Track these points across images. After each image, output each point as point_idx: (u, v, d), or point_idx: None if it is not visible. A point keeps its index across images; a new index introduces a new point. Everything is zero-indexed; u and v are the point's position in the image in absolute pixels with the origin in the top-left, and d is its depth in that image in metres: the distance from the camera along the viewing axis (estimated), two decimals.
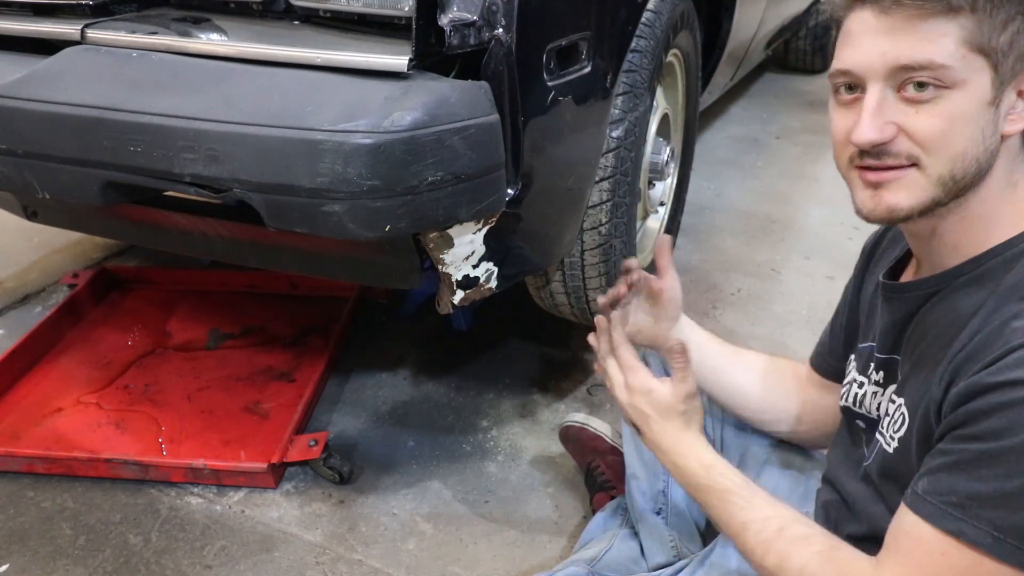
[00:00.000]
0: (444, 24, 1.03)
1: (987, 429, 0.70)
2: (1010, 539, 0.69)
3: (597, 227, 1.52)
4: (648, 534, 1.21)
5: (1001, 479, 0.69)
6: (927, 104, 0.73)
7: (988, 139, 0.74)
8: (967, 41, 0.71)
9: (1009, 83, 0.73)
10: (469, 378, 1.86)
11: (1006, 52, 0.72)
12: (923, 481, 0.75)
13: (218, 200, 1.09)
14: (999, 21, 0.71)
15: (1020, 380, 0.68)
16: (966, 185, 0.76)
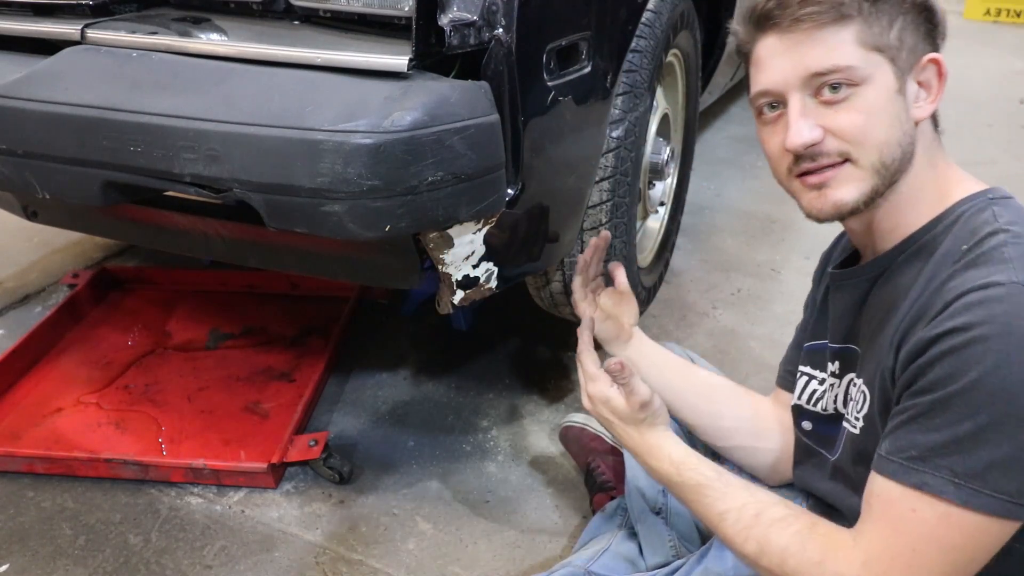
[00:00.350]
0: (444, 24, 1.02)
1: (934, 379, 0.74)
2: (969, 484, 0.72)
3: (597, 227, 1.52)
4: (647, 534, 1.21)
5: (952, 425, 0.72)
6: (844, 103, 0.82)
7: (904, 124, 0.83)
8: (863, 42, 0.81)
9: (908, 73, 0.83)
10: (469, 378, 1.86)
11: (898, 47, 0.82)
12: (885, 443, 0.78)
13: (218, 200, 1.09)
14: (885, 22, 0.81)
15: (958, 327, 0.73)
16: (896, 169, 0.84)
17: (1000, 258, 0.75)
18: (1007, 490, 0.71)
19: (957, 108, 3.75)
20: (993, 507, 0.72)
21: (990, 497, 0.71)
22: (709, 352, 1.94)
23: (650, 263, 1.96)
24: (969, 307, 0.73)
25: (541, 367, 1.89)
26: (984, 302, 0.73)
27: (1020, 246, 0.76)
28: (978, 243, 0.78)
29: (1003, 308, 0.72)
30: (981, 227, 0.80)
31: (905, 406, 0.77)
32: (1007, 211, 0.81)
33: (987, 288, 0.73)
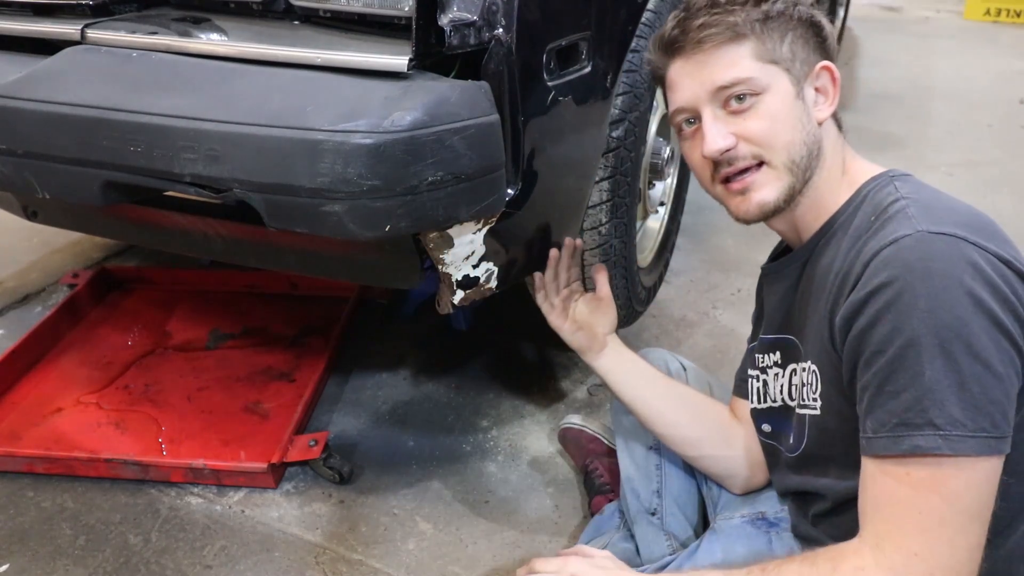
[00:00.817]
0: (444, 24, 1.02)
1: (880, 340, 0.78)
2: (954, 430, 0.74)
3: (597, 227, 1.53)
4: (643, 535, 1.21)
5: (914, 377, 0.75)
6: (750, 111, 0.91)
7: (807, 125, 0.92)
8: (759, 56, 0.91)
9: (804, 80, 0.93)
10: (469, 378, 1.86)
11: (791, 59, 0.92)
12: (867, 424, 0.80)
13: (218, 200, 1.08)
14: (776, 38, 0.91)
15: (883, 283, 0.78)
16: (807, 166, 0.93)
17: (904, 216, 0.82)
18: (984, 425, 0.74)
19: (957, 108, 3.75)
20: (979, 447, 0.74)
21: (972, 438, 0.74)
22: (709, 352, 1.94)
23: (650, 263, 1.96)
24: (886, 262, 0.78)
25: (541, 367, 1.89)
26: (898, 253, 0.78)
27: (919, 206, 0.83)
28: (883, 211, 0.85)
29: (916, 254, 0.77)
30: (884, 199, 0.87)
31: (867, 379, 0.80)
32: (906, 185, 0.89)
33: (898, 241, 0.79)
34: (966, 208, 0.85)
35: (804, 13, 0.92)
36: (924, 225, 0.79)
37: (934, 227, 0.78)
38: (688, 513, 1.24)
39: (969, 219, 0.81)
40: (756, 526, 1.10)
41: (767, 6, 0.91)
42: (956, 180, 2.92)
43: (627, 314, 1.77)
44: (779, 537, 1.07)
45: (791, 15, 0.92)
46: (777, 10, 0.91)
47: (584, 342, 1.25)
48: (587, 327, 1.25)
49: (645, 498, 1.24)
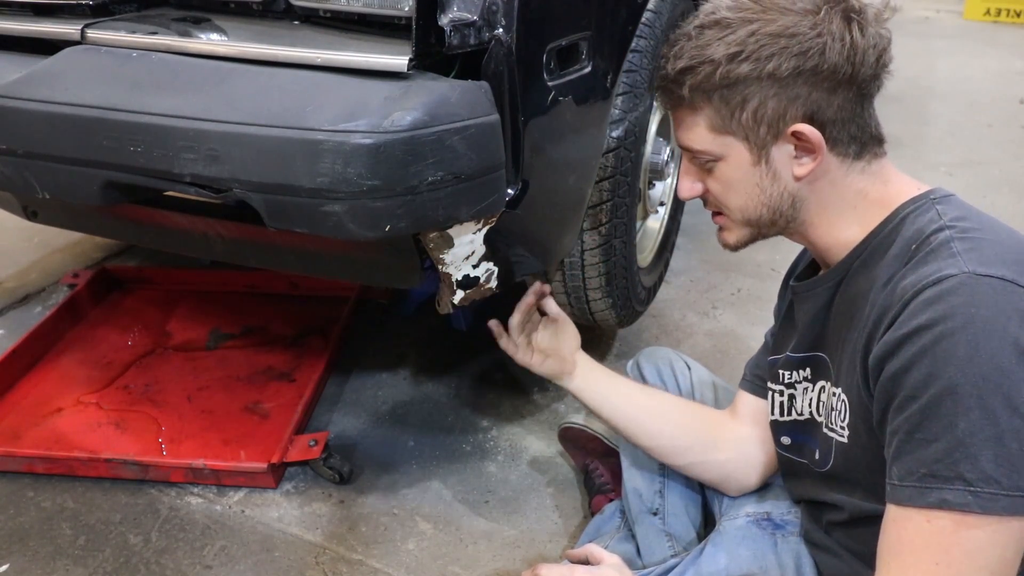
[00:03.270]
0: (444, 24, 1.02)
1: (914, 385, 0.74)
2: (985, 488, 0.71)
3: (597, 227, 1.52)
4: (644, 535, 1.21)
5: (948, 429, 0.72)
6: (710, 172, 0.94)
7: (770, 188, 0.91)
8: (713, 127, 0.89)
9: (772, 144, 0.88)
10: (469, 378, 1.86)
11: (752, 125, 0.87)
12: (894, 470, 0.78)
13: (218, 200, 1.08)
14: (736, 103, 0.86)
15: (922, 325, 0.74)
16: (771, 221, 0.93)
17: (948, 252, 0.78)
18: (1020, 484, 0.71)
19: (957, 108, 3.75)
20: (1012, 507, 0.71)
21: (1006, 497, 0.71)
22: (709, 352, 1.94)
23: (650, 263, 1.96)
24: (928, 303, 0.75)
25: None
26: (941, 296, 0.75)
27: (966, 240, 0.79)
28: (925, 240, 0.81)
29: (960, 299, 0.74)
30: (927, 225, 0.83)
31: (898, 423, 0.77)
32: (950, 208, 0.85)
33: (941, 282, 0.75)
34: (1016, 240, 0.81)
35: (785, 69, 0.83)
36: (971, 265, 0.75)
37: (981, 268, 0.75)
38: (691, 513, 1.24)
39: (1019, 254, 0.78)
40: (761, 527, 1.09)
41: (729, 69, 0.85)
42: (956, 180, 2.92)
43: (627, 314, 1.77)
44: (785, 540, 1.06)
45: (760, 75, 0.84)
46: (739, 75, 0.85)
47: (556, 368, 1.24)
48: (554, 353, 1.24)
49: (647, 498, 1.24)
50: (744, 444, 1.14)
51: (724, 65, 0.85)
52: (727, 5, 0.87)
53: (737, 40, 0.84)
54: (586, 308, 1.68)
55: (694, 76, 0.87)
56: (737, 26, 0.85)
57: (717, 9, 0.88)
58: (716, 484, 1.18)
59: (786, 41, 0.83)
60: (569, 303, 1.68)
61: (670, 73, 0.89)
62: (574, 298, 1.66)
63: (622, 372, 1.37)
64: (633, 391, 1.22)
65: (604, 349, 1.95)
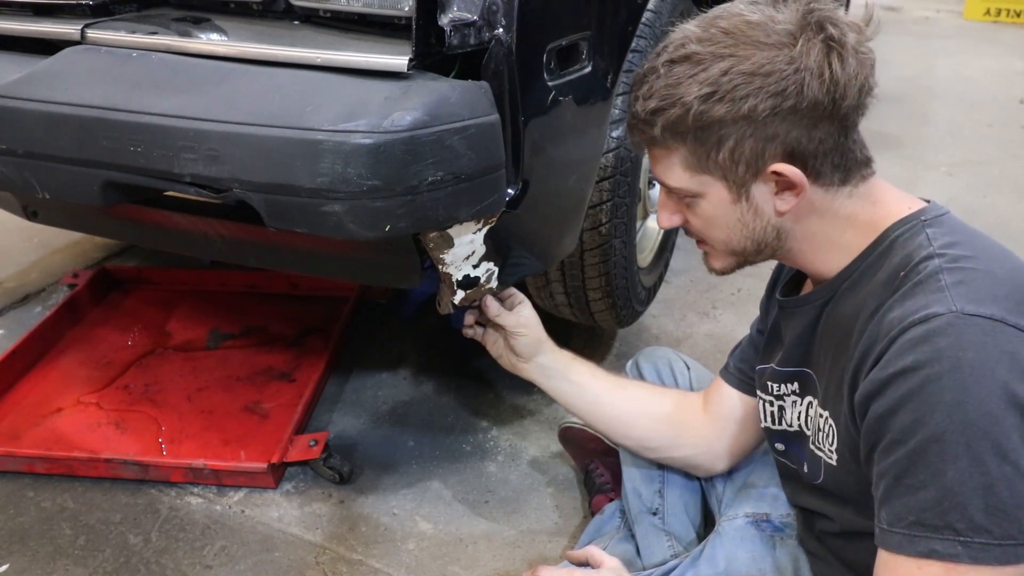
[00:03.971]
0: (444, 24, 1.02)
1: (901, 429, 0.73)
2: (975, 538, 0.70)
3: (597, 227, 1.52)
4: (644, 535, 1.21)
5: (935, 475, 0.71)
6: (689, 207, 0.91)
7: (752, 223, 0.88)
8: (689, 167, 0.87)
9: (752, 182, 0.85)
10: (469, 378, 1.86)
11: (730, 165, 0.84)
12: (882, 513, 0.76)
13: (218, 200, 1.08)
14: (711, 144, 0.83)
15: (908, 367, 0.73)
16: (755, 251, 0.92)
17: (936, 286, 0.75)
18: (1012, 532, 0.70)
19: (957, 108, 3.75)
20: (1004, 556, 0.70)
21: (998, 547, 0.70)
22: (709, 352, 1.94)
23: (650, 263, 1.96)
24: (914, 344, 0.73)
25: None
26: (928, 337, 0.72)
27: (955, 271, 0.76)
28: (913, 269, 0.79)
29: (947, 341, 0.71)
30: (916, 252, 0.80)
31: (885, 467, 0.75)
32: (941, 232, 0.82)
33: (928, 321, 0.73)
34: (1010, 267, 0.78)
35: (762, 110, 0.79)
36: (959, 303, 0.73)
37: (970, 306, 0.72)
38: (690, 513, 1.24)
39: (1012, 287, 0.75)
40: (760, 528, 1.09)
41: (702, 110, 0.81)
42: (956, 180, 2.92)
43: (627, 314, 1.77)
44: (783, 544, 1.06)
45: (736, 116, 0.80)
46: (713, 116, 0.81)
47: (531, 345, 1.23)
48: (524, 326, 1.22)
49: (647, 498, 1.24)
50: (710, 441, 1.16)
51: (697, 106, 0.81)
52: (696, 36, 0.83)
53: (710, 79, 0.80)
54: (586, 308, 1.68)
55: (666, 117, 0.83)
56: (709, 63, 0.80)
57: (686, 42, 0.83)
58: (683, 469, 1.22)
59: (761, 80, 0.79)
60: (569, 303, 1.68)
61: (640, 113, 0.86)
62: (574, 298, 1.66)
63: (622, 372, 1.37)
64: (595, 377, 1.23)
65: (604, 349, 1.95)
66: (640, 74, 0.87)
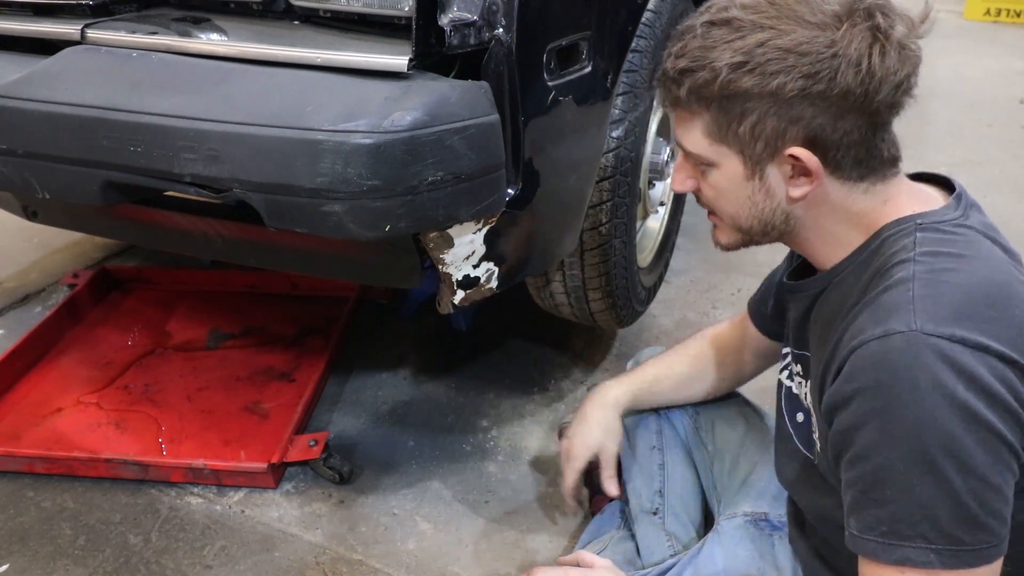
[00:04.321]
0: (444, 24, 1.02)
1: (865, 444, 0.74)
2: (946, 545, 0.71)
3: (597, 227, 1.52)
4: (645, 535, 1.21)
5: (903, 492, 0.72)
6: (704, 175, 0.89)
7: (762, 203, 0.87)
8: (709, 134, 0.85)
9: (768, 161, 0.83)
10: (469, 378, 1.86)
11: (750, 140, 0.82)
12: (852, 520, 0.77)
13: (218, 200, 1.08)
14: (734, 116, 0.81)
15: (868, 387, 0.73)
16: (761, 232, 0.90)
17: (902, 297, 0.74)
18: (983, 538, 0.71)
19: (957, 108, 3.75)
20: (976, 559, 0.72)
21: (971, 552, 0.71)
22: None
23: (650, 263, 1.96)
24: (874, 362, 0.73)
25: (541, 367, 1.89)
26: (886, 355, 0.72)
27: (925, 282, 0.75)
28: (887, 271, 0.78)
29: (904, 360, 0.71)
30: (895, 255, 0.79)
31: (851, 478, 0.77)
32: (934, 236, 0.80)
33: (887, 337, 0.73)
34: (983, 275, 0.76)
35: (790, 89, 0.77)
36: (920, 320, 0.72)
37: (930, 324, 0.71)
38: (691, 513, 1.24)
39: (983, 302, 0.74)
40: (759, 527, 1.09)
41: (730, 79, 0.79)
42: None
43: (627, 314, 1.77)
44: (782, 542, 1.07)
45: (763, 91, 0.78)
46: (740, 87, 0.79)
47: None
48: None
49: (647, 497, 1.24)
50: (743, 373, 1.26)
51: (726, 74, 0.79)
52: (741, 2, 0.80)
53: (744, 48, 0.78)
54: (586, 308, 1.68)
55: (693, 79, 0.81)
56: (748, 31, 0.78)
57: (730, 5, 0.80)
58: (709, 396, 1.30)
59: (795, 59, 0.76)
60: (569, 303, 1.68)
61: (669, 71, 0.84)
62: (574, 298, 1.66)
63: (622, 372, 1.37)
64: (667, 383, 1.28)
65: (604, 349, 1.95)
66: (679, 30, 0.85)
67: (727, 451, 1.24)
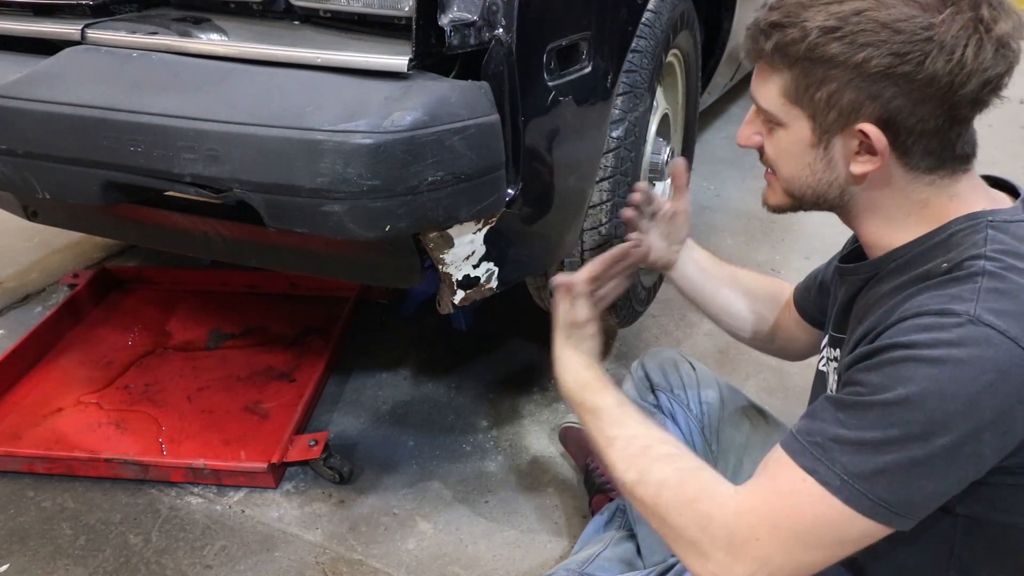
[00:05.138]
0: (444, 24, 1.02)
1: (867, 381, 0.75)
2: (857, 484, 0.73)
3: (597, 227, 1.53)
4: (646, 535, 1.21)
5: (863, 429, 0.74)
6: (770, 133, 0.88)
7: (821, 173, 0.85)
8: (785, 93, 0.83)
9: (837, 133, 0.81)
10: (469, 378, 1.86)
11: (824, 108, 0.80)
12: (801, 421, 0.80)
13: (218, 200, 1.09)
14: (814, 80, 0.80)
15: (901, 343, 0.74)
16: (814, 203, 0.89)
17: (969, 287, 0.74)
18: (887, 499, 0.73)
19: None
20: (870, 510, 0.73)
21: (870, 501, 0.73)
22: (709, 352, 1.94)
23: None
24: (919, 328, 0.74)
25: (542, 367, 1.89)
26: (934, 328, 0.73)
27: (996, 277, 0.74)
28: (958, 264, 0.77)
29: (949, 337, 0.71)
30: (968, 250, 0.78)
31: (831, 395, 0.79)
32: (1006, 236, 0.78)
33: (942, 315, 0.73)
34: None
35: (875, 65, 0.75)
36: (980, 309, 0.71)
37: (989, 315, 0.71)
38: None
39: None
40: None
41: (818, 42, 0.77)
42: None
43: (627, 314, 1.77)
44: None
45: (848, 61, 0.76)
46: (826, 53, 0.77)
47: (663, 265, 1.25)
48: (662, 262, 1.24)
49: None
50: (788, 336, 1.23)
51: (815, 36, 0.77)
52: None
53: (840, 14, 0.76)
54: None
55: (782, 35, 0.80)
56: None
57: None
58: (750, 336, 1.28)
59: (889, 34, 0.74)
60: None
61: (760, 22, 0.82)
62: None
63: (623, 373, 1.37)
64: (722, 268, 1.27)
65: (604, 349, 1.95)
66: None
67: (731, 451, 1.24)
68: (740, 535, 0.78)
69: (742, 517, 0.79)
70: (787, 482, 0.77)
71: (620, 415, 0.95)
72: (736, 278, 1.27)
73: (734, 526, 0.79)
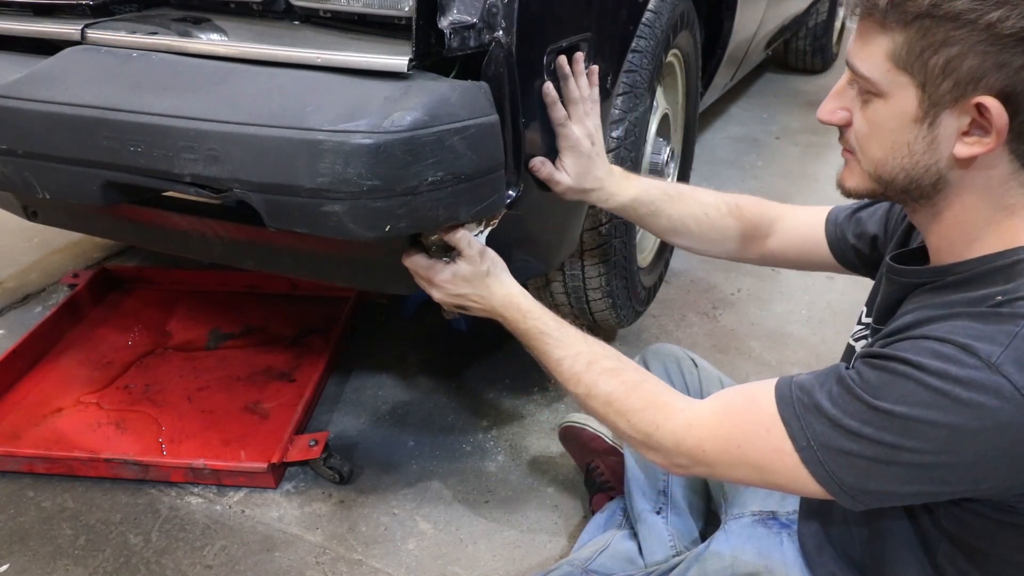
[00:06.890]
0: (444, 27, 1.02)
1: (867, 376, 0.76)
2: (819, 452, 0.77)
3: (597, 227, 1.53)
4: (647, 534, 1.21)
5: (845, 413, 0.75)
6: (864, 106, 0.78)
7: (919, 154, 0.76)
8: (893, 58, 0.73)
9: (948, 107, 0.72)
10: (469, 378, 1.86)
11: (938, 75, 0.71)
12: (807, 375, 0.82)
13: (218, 200, 1.08)
14: (933, 42, 0.70)
15: (913, 362, 0.72)
16: (902, 189, 0.79)
17: (1008, 327, 0.70)
18: (841, 478, 0.76)
19: None
20: (823, 478, 0.77)
21: (826, 471, 0.76)
22: (709, 352, 1.94)
23: (650, 263, 1.96)
24: (936, 354, 0.71)
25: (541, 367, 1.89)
26: (949, 359, 0.70)
27: None
28: (1009, 302, 0.72)
29: (958, 375, 0.69)
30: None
31: (842, 368, 0.80)
32: None
33: (963, 350, 0.70)
34: None
35: (1009, 27, 0.67)
36: (1006, 358, 0.68)
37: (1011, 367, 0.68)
38: (694, 512, 1.24)
39: None
40: (767, 526, 1.09)
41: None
42: None
43: (627, 314, 1.77)
44: (791, 539, 1.06)
45: (976, 21, 0.67)
46: (952, 9, 0.68)
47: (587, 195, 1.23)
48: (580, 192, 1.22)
49: (650, 497, 1.24)
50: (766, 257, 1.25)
51: None
52: None
53: None
54: (586, 308, 1.68)
55: None
56: None
57: None
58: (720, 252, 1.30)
59: None
60: (569, 303, 1.68)
61: None
62: (574, 298, 1.66)
63: None
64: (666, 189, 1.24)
65: None
66: None
67: None
68: (687, 443, 0.84)
69: (694, 430, 0.84)
70: (758, 418, 0.80)
71: (562, 336, 1.00)
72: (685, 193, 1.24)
73: (682, 435, 0.84)
